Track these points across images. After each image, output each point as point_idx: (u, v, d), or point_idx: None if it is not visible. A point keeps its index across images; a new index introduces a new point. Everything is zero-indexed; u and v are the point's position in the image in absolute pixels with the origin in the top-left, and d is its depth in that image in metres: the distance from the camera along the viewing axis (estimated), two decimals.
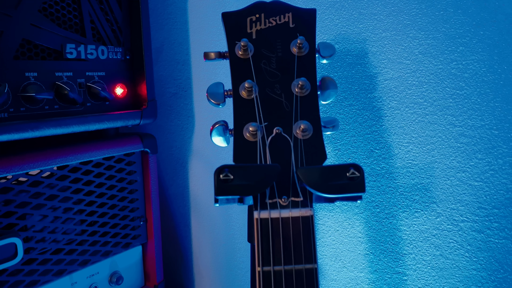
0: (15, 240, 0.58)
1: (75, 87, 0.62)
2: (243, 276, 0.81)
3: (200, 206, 0.86)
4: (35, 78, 0.59)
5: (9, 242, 0.58)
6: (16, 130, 0.56)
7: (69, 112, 0.63)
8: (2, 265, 0.57)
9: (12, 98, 0.57)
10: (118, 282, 0.74)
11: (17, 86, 0.57)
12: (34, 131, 0.57)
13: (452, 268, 0.56)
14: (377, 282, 0.63)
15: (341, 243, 0.66)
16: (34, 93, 0.57)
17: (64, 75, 0.63)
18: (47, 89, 0.60)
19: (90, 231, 0.69)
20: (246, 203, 0.41)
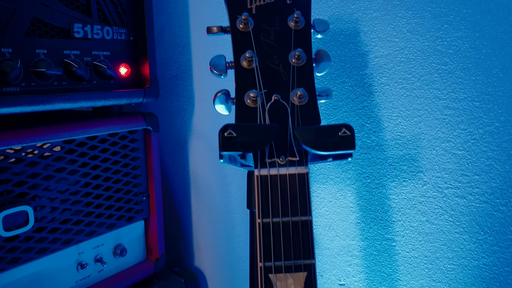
0: (27, 208, 0.62)
1: (82, 65, 0.66)
2: (242, 250, 0.85)
3: (199, 184, 0.89)
4: (45, 55, 0.62)
5: (21, 210, 0.61)
6: (28, 103, 0.59)
7: (77, 88, 0.66)
8: (14, 231, 0.60)
9: (23, 73, 0.60)
10: (122, 254, 0.77)
11: (28, 62, 0.60)
12: (45, 104, 0.61)
13: (437, 233, 0.61)
14: (368, 249, 0.67)
15: (333, 213, 0.70)
16: (45, 69, 0.60)
17: (72, 53, 0.66)
18: (56, 66, 0.63)
19: (96, 204, 0.72)
20: (247, 162, 0.45)
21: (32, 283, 0.65)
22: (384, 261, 0.66)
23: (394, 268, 0.65)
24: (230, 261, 0.87)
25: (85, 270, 0.72)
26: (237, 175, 0.82)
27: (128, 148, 0.77)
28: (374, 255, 0.67)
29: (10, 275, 0.62)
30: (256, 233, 0.58)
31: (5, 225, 0.59)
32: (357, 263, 0.69)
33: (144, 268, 0.81)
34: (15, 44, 0.59)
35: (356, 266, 0.69)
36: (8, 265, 0.61)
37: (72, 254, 0.71)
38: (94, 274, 0.74)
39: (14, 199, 0.61)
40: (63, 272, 0.69)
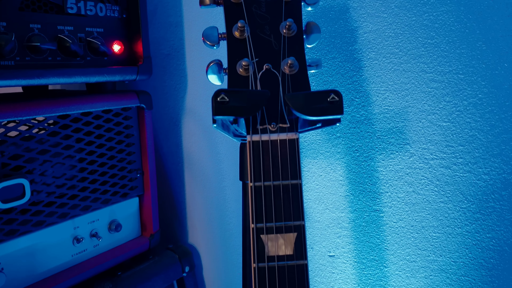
0: (23, 181, 0.63)
1: (76, 40, 0.66)
2: (234, 226, 0.87)
3: (193, 162, 0.91)
4: (39, 30, 0.63)
5: (18, 182, 0.62)
6: (23, 76, 0.60)
7: (71, 64, 0.67)
8: (11, 203, 0.62)
9: (18, 48, 0.60)
10: (117, 229, 0.79)
11: (23, 36, 0.61)
12: (40, 78, 0.61)
13: (423, 203, 0.63)
14: (357, 221, 0.70)
15: (324, 187, 0.72)
16: (39, 43, 0.61)
17: (66, 28, 0.66)
18: (50, 41, 0.64)
19: (91, 179, 0.74)
20: (239, 128, 0.46)
21: (29, 255, 0.66)
22: (372, 232, 0.68)
23: (382, 238, 0.67)
24: (223, 237, 0.89)
25: (81, 244, 0.74)
26: (230, 153, 0.84)
27: (122, 125, 0.78)
28: (362, 226, 0.69)
29: (8, 247, 0.63)
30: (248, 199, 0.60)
31: (2, 197, 0.60)
32: (346, 235, 0.71)
33: (139, 244, 0.83)
34: (9, 18, 0.59)
35: (345, 238, 0.71)
36: (6, 236, 0.62)
37: (68, 229, 0.72)
38: (90, 249, 0.76)
39: (10, 172, 0.62)
40: (60, 245, 0.71)
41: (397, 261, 0.67)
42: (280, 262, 0.45)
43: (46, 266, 0.69)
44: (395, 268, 0.67)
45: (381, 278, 0.69)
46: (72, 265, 0.73)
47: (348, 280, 0.72)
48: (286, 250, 0.45)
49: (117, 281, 0.77)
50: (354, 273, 0.71)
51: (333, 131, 0.69)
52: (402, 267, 0.66)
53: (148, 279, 0.81)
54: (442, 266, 0.63)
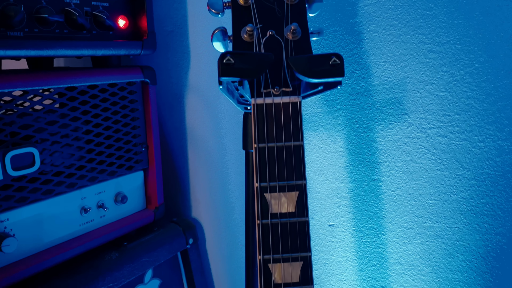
0: (33, 150, 0.65)
1: (82, 14, 0.68)
2: (237, 199, 0.89)
3: (196, 138, 0.93)
4: (47, 2, 0.64)
5: (28, 151, 0.64)
6: (32, 47, 0.61)
7: (77, 37, 0.69)
8: (21, 171, 0.64)
9: (26, 19, 0.62)
10: (123, 201, 0.81)
11: (31, 8, 0.62)
12: (48, 49, 0.63)
13: (420, 171, 0.65)
14: (356, 190, 0.72)
15: (324, 158, 0.74)
16: (47, 15, 0.63)
17: (72, 2, 0.68)
18: (57, 13, 0.65)
19: (97, 151, 0.76)
20: (244, 92, 0.48)
21: (39, 223, 0.68)
22: (370, 201, 0.71)
23: (380, 206, 0.70)
24: (225, 210, 0.91)
25: (88, 214, 0.76)
26: (232, 128, 0.86)
27: (127, 100, 0.80)
28: (361, 195, 0.71)
29: (19, 214, 0.65)
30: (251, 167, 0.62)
31: (12, 165, 0.62)
32: (346, 204, 0.73)
33: (144, 216, 0.85)
34: None
35: (344, 207, 0.74)
36: (17, 203, 0.65)
37: (75, 199, 0.74)
38: (97, 219, 0.78)
39: (20, 141, 0.64)
40: (68, 215, 0.73)
41: (395, 228, 0.69)
42: (282, 219, 0.47)
43: (55, 235, 0.71)
44: (392, 236, 0.69)
45: (379, 246, 0.71)
46: (79, 234, 0.75)
47: (347, 249, 0.75)
48: (289, 208, 0.47)
49: (123, 251, 0.80)
50: (353, 241, 0.74)
51: (334, 103, 0.71)
52: (399, 234, 0.69)
53: (153, 250, 0.83)
54: (438, 232, 0.65)
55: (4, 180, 0.62)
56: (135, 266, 0.80)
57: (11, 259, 0.65)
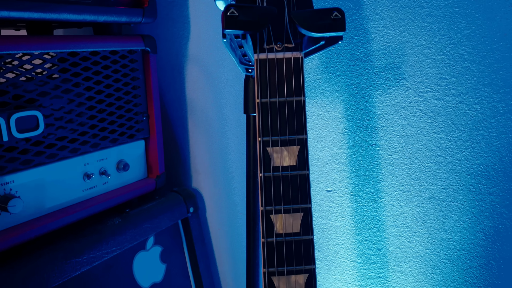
0: (37, 113, 0.66)
1: None
2: (237, 169, 0.90)
3: (196, 109, 0.94)
4: None
5: (32, 114, 0.65)
6: (36, 9, 0.62)
7: (79, 2, 0.69)
8: (26, 134, 0.65)
9: None
10: (125, 169, 0.82)
11: None
12: (52, 13, 0.63)
13: (417, 134, 0.67)
14: (354, 156, 0.73)
15: (323, 125, 0.75)
16: None
17: None
18: None
19: (99, 118, 0.77)
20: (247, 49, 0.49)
21: (43, 186, 0.69)
22: (368, 166, 0.72)
23: (377, 171, 0.72)
24: (225, 180, 0.93)
25: (91, 180, 0.77)
26: (232, 98, 0.87)
27: (128, 68, 0.80)
28: (359, 160, 0.73)
29: (24, 177, 0.66)
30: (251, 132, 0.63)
31: (17, 127, 0.63)
32: (344, 170, 0.75)
33: (146, 184, 0.87)
34: None
35: (342, 173, 0.75)
36: (22, 166, 0.66)
37: (78, 164, 0.75)
38: (100, 186, 0.80)
39: (24, 104, 0.65)
40: (71, 180, 0.74)
41: (391, 192, 0.71)
42: (284, 172, 0.49)
43: (59, 199, 0.72)
44: (389, 199, 0.71)
45: (375, 209, 0.73)
46: (83, 199, 0.77)
47: (345, 213, 0.77)
48: (290, 161, 0.49)
49: (125, 217, 0.82)
50: (350, 206, 0.76)
51: (333, 69, 0.72)
52: (396, 197, 0.71)
53: (155, 217, 0.85)
54: (433, 194, 0.67)
55: (9, 142, 0.63)
56: (137, 232, 0.81)
57: (17, 220, 0.66)
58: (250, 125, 0.66)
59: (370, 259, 0.75)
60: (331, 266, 0.80)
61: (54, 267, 0.67)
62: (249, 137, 0.67)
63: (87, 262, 0.72)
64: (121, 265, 0.81)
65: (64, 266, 0.68)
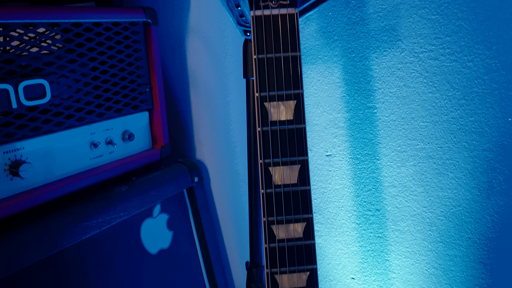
0: (43, 81, 0.68)
1: None
2: (239, 138, 0.92)
3: (198, 81, 0.95)
4: None
5: (39, 82, 0.67)
6: None
7: None
8: (34, 101, 0.67)
9: None
10: (130, 138, 0.85)
11: None
12: None
13: (413, 95, 0.68)
14: (352, 119, 0.75)
15: (321, 90, 0.77)
16: None
17: None
18: None
19: (104, 88, 0.79)
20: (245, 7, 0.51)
21: (52, 154, 0.72)
22: (366, 128, 0.74)
23: (375, 133, 0.73)
24: (228, 150, 0.95)
25: (97, 149, 0.80)
26: (233, 68, 0.88)
27: (130, 40, 0.82)
28: (357, 124, 0.75)
29: (33, 144, 0.69)
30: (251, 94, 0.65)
31: (25, 95, 0.66)
32: (342, 134, 0.77)
33: (151, 154, 0.89)
34: None
35: (341, 137, 0.77)
36: (31, 133, 0.68)
37: (85, 134, 0.78)
38: (106, 155, 0.82)
39: (31, 73, 0.67)
40: (79, 148, 0.77)
41: (389, 153, 0.73)
42: (281, 126, 0.51)
43: (67, 167, 0.75)
44: (386, 160, 0.73)
45: (374, 171, 0.75)
46: (90, 168, 0.79)
47: (344, 176, 0.79)
48: (287, 116, 0.51)
49: (132, 185, 0.84)
50: (349, 169, 0.78)
51: (331, 34, 0.73)
52: (393, 158, 0.73)
53: (161, 185, 0.88)
54: (429, 153, 0.69)
55: (18, 109, 0.66)
56: (144, 199, 0.84)
57: (28, 186, 0.69)
58: (250, 88, 0.68)
59: (369, 219, 0.78)
60: (331, 228, 0.83)
61: (65, 230, 0.70)
62: (248, 100, 0.69)
63: (96, 226, 0.75)
64: (129, 231, 0.84)
65: (74, 229, 0.71)
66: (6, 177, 0.66)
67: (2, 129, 0.64)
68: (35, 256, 0.66)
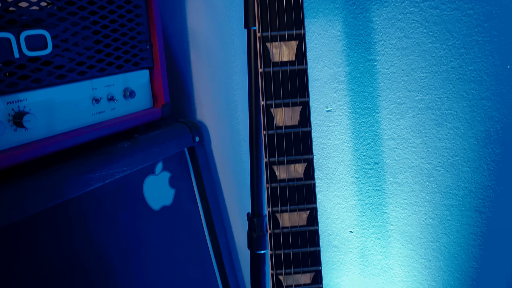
0: (45, 32, 0.68)
1: None
2: (240, 97, 0.93)
3: (198, 41, 0.95)
4: None
5: (40, 33, 0.68)
6: None
7: None
8: (36, 52, 0.67)
9: None
10: (132, 96, 0.85)
11: None
12: None
13: (413, 46, 0.69)
14: (352, 73, 0.76)
15: (323, 44, 0.77)
16: None
17: None
18: None
19: (105, 43, 0.79)
20: None
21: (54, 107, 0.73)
22: (366, 82, 0.75)
23: (374, 86, 0.74)
24: (228, 109, 0.96)
25: (99, 105, 0.80)
26: (235, 25, 0.88)
27: None
28: (357, 77, 0.75)
29: (36, 95, 0.70)
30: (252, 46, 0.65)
31: (27, 45, 0.66)
32: (343, 88, 0.77)
33: (152, 112, 0.90)
34: None
35: (341, 91, 0.78)
36: (33, 84, 0.69)
37: (87, 89, 0.78)
38: (108, 111, 0.83)
39: (32, 23, 0.67)
40: (81, 102, 0.77)
41: (388, 105, 0.74)
42: (283, 67, 0.51)
43: (70, 121, 0.76)
44: (386, 113, 0.74)
45: (373, 124, 0.76)
46: (92, 123, 0.80)
47: (343, 131, 0.80)
48: (289, 56, 0.51)
49: (134, 142, 0.85)
50: (349, 123, 0.79)
51: None
52: (393, 111, 0.73)
53: (162, 142, 0.89)
54: (428, 104, 0.70)
55: (20, 59, 0.66)
56: (146, 155, 0.85)
57: (32, 137, 0.70)
58: (251, 38, 0.68)
59: (367, 173, 0.79)
60: (330, 183, 0.84)
61: (69, 180, 0.71)
62: (249, 50, 0.69)
63: (99, 179, 0.76)
64: (132, 187, 0.85)
65: (78, 180, 0.73)
66: (10, 127, 0.67)
67: (4, 78, 0.65)
68: (40, 205, 0.68)
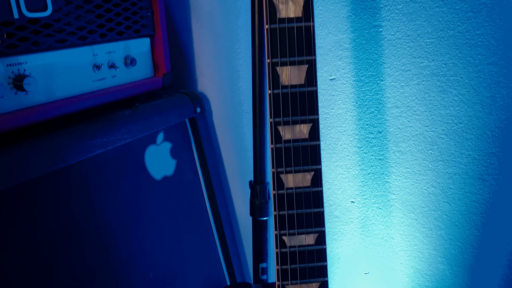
0: None
1: None
2: (242, 67, 0.92)
3: (200, 8, 0.94)
4: None
5: None
6: None
7: None
8: (35, 13, 0.66)
9: None
10: (132, 63, 0.84)
11: None
12: None
13: (420, 10, 0.67)
14: (357, 40, 0.75)
15: (327, 10, 0.76)
16: None
17: None
18: None
19: (105, 8, 0.77)
20: None
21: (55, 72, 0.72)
22: (371, 48, 0.74)
23: (379, 53, 0.73)
24: (231, 80, 0.95)
25: (100, 71, 0.79)
26: None
27: None
28: (362, 44, 0.74)
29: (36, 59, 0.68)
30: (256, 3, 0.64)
31: (27, 6, 0.65)
32: (347, 55, 0.77)
33: (153, 81, 0.89)
34: None
35: (346, 59, 0.77)
36: (33, 47, 0.68)
37: (87, 54, 0.77)
38: (109, 79, 0.82)
39: None
40: (82, 68, 0.76)
41: (393, 72, 0.73)
42: (290, 23, 0.50)
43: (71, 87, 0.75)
44: (390, 80, 0.73)
45: (377, 92, 0.75)
46: (93, 90, 0.79)
47: (347, 100, 0.79)
48: (296, 13, 0.50)
49: (135, 110, 0.85)
50: (352, 92, 0.78)
51: None
52: (397, 78, 0.73)
53: (164, 111, 0.88)
54: (434, 70, 0.69)
55: (20, 20, 0.64)
56: (147, 124, 0.85)
57: (32, 102, 0.69)
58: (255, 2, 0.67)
59: (370, 142, 0.79)
60: (332, 154, 0.84)
61: (71, 145, 0.71)
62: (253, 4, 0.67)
63: (101, 145, 0.76)
64: (134, 155, 0.85)
65: (79, 146, 0.72)
66: (10, 90, 0.66)
67: (4, 39, 0.63)
68: (41, 169, 0.67)
